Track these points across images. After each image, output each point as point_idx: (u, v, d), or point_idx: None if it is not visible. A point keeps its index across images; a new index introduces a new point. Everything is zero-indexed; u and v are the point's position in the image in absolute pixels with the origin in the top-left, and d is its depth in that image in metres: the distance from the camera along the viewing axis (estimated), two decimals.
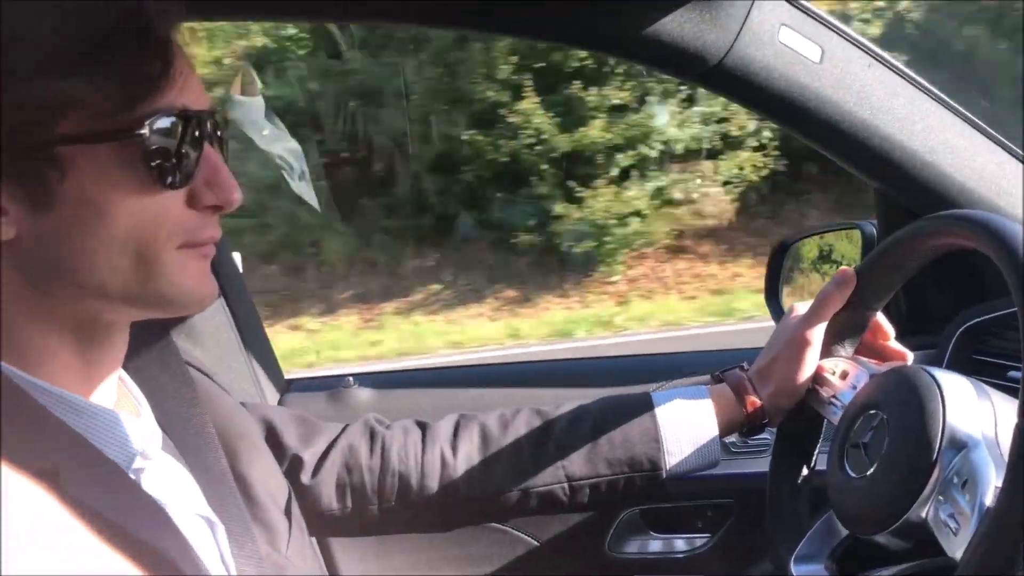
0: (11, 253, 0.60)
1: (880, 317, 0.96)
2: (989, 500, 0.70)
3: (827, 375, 0.94)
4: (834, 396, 0.92)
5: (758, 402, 0.96)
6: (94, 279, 0.61)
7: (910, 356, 0.96)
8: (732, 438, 1.05)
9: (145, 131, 0.59)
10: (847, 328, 0.96)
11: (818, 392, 0.95)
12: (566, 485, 0.95)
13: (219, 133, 0.67)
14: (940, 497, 0.73)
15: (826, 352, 0.96)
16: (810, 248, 1.44)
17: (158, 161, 0.60)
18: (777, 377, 0.96)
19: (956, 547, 0.71)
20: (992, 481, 0.70)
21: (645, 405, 0.97)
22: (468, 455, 0.96)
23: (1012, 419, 0.67)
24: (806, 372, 0.95)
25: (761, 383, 0.97)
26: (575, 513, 1.35)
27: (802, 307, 0.98)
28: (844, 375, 0.93)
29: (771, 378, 0.96)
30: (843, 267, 0.96)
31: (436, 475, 0.96)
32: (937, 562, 0.75)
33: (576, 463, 0.95)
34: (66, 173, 0.58)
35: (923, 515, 0.74)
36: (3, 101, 0.56)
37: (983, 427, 0.75)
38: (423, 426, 1.00)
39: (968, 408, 0.76)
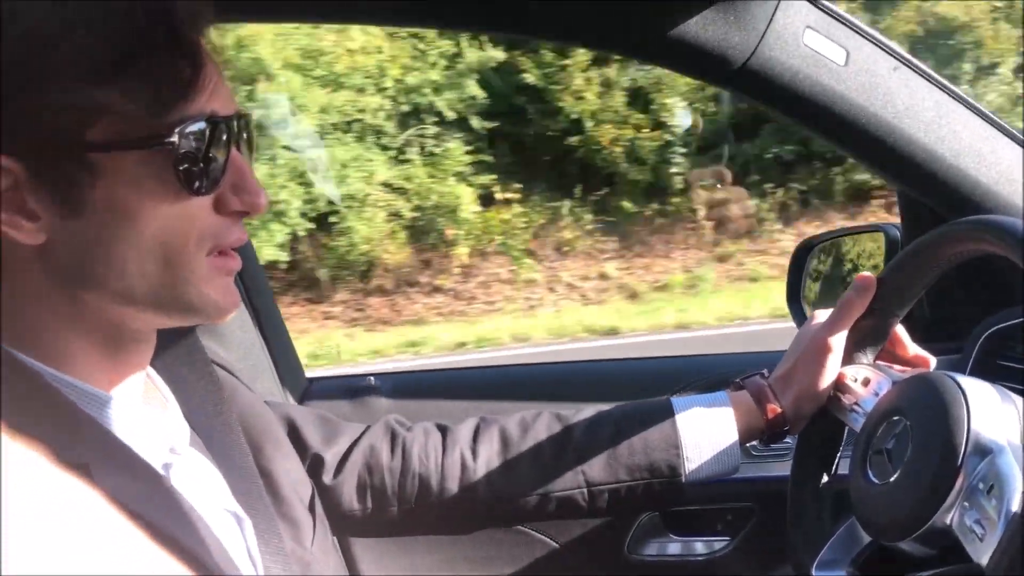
0: (41, 257, 0.60)
1: (898, 328, 0.95)
2: (1016, 506, 0.69)
3: (849, 382, 0.93)
4: (856, 403, 0.92)
5: (779, 409, 0.95)
6: (122, 284, 0.62)
7: (932, 361, 0.95)
8: (753, 443, 1.05)
9: (175, 138, 0.60)
10: (870, 335, 0.95)
11: (840, 399, 0.94)
12: (585, 490, 0.95)
13: (246, 136, 0.67)
14: (965, 503, 0.73)
15: (848, 359, 0.95)
16: (832, 251, 1.42)
17: (187, 167, 0.61)
18: (798, 383, 0.95)
19: (982, 553, 0.70)
20: (1018, 487, 0.70)
21: (665, 411, 0.97)
22: (488, 458, 0.96)
23: None
24: (827, 379, 0.94)
25: (782, 390, 0.96)
26: (594, 518, 1.35)
27: (823, 313, 0.97)
28: (866, 382, 0.92)
29: (792, 384, 0.95)
30: (864, 273, 0.95)
31: (456, 477, 0.96)
32: (962, 569, 0.74)
33: (596, 468, 0.95)
34: (96, 179, 0.59)
35: (948, 521, 0.74)
36: (33, 107, 0.57)
37: (1008, 433, 0.74)
38: (443, 428, 1.00)
39: (993, 414, 0.75)
